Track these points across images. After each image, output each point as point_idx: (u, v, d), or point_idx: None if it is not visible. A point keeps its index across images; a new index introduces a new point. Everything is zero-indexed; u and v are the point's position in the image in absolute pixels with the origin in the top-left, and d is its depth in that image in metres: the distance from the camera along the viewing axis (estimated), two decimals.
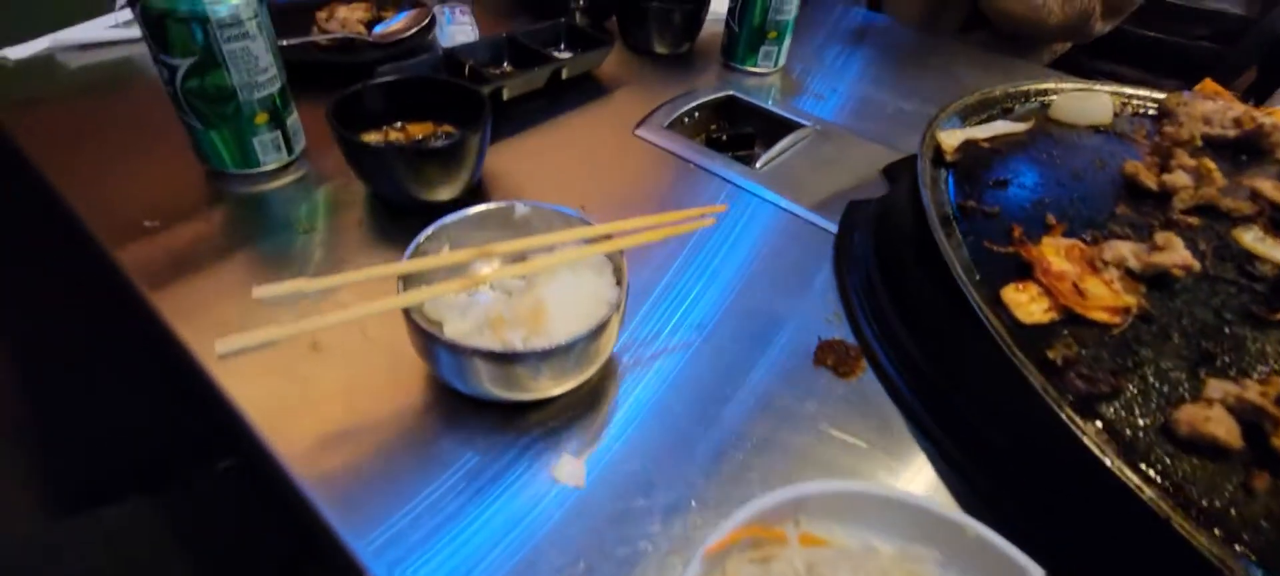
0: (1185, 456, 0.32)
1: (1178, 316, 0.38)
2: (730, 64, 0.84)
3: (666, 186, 0.64)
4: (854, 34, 1.06)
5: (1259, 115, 0.53)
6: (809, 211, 0.60)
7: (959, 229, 0.45)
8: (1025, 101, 0.61)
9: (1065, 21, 0.98)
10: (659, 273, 0.53)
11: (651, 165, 0.67)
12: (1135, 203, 0.45)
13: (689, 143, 0.69)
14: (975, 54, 1.01)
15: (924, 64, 0.97)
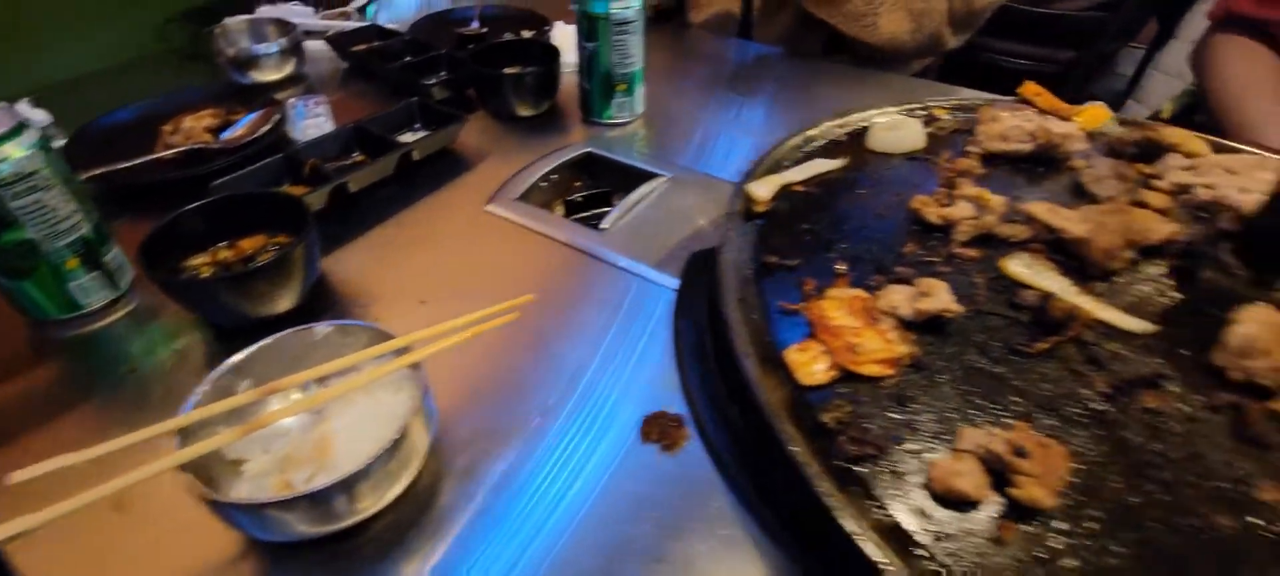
0: (943, 509, 0.32)
1: (950, 361, 0.38)
2: (589, 118, 0.85)
3: (515, 264, 0.63)
4: (721, 67, 1.08)
5: (1053, 126, 0.54)
6: (653, 270, 0.60)
7: (759, 289, 0.45)
8: (845, 133, 0.62)
9: (919, 45, 1.00)
10: (494, 363, 0.52)
11: (502, 243, 0.66)
12: (922, 239, 0.46)
13: (537, 212, 0.69)
14: (840, 73, 1.03)
15: (788, 90, 0.99)
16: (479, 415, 0.48)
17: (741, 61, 1.10)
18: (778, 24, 1.12)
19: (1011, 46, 2.25)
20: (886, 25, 0.98)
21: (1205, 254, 0.42)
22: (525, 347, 0.53)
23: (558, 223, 0.67)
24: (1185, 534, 0.30)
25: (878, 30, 0.98)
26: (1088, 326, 0.38)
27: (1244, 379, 0.34)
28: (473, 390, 0.50)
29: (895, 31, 0.98)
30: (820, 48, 1.12)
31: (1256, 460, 0.32)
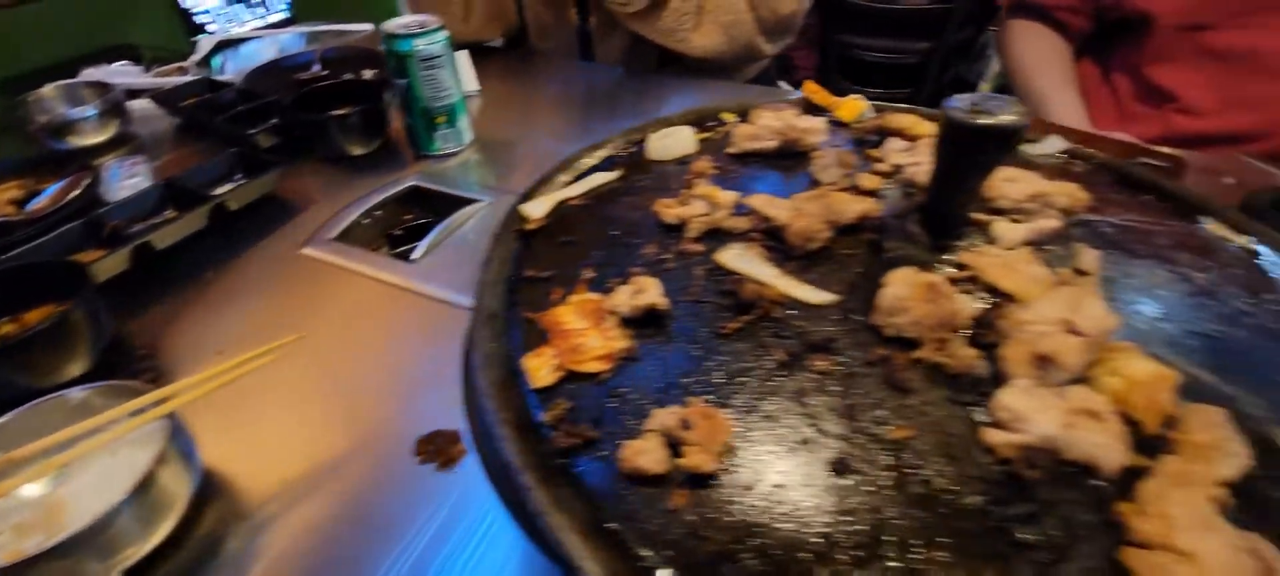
0: (635, 489, 0.35)
1: (661, 349, 0.42)
2: (419, 152, 0.86)
3: (324, 305, 0.64)
4: (564, 88, 1.11)
5: (798, 122, 0.59)
6: (459, 294, 0.62)
7: (512, 303, 0.48)
8: (628, 146, 0.66)
9: (736, 54, 1.06)
10: (283, 406, 0.53)
11: (314, 285, 0.66)
12: (662, 240, 0.50)
13: (353, 250, 0.70)
14: (670, 83, 1.09)
15: (622, 104, 1.03)
16: (266, 458, 0.48)
17: (582, 82, 1.14)
18: (614, 43, 1.17)
19: (870, 42, 2.41)
20: (699, 39, 1.04)
21: (893, 227, 0.47)
22: (315, 386, 0.54)
23: (372, 258, 0.68)
24: (851, 479, 0.34)
25: (691, 43, 1.04)
26: (777, 304, 0.42)
27: (895, 334, 0.39)
28: (258, 434, 0.50)
29: (708, 44, 1.04)
30: (655, 62, 1.17)
31: (897, 404, 0.37)
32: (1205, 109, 0.96)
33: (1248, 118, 0.93)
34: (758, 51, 1.13)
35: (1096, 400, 0.34)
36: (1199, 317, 0.43)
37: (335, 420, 0.51)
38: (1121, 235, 0.50)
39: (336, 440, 0.49)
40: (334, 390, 0.54)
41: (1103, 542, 0.31)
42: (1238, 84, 0.92)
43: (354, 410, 0.52)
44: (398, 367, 0.55)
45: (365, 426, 0.50)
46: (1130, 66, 1.05)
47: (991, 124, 0.39)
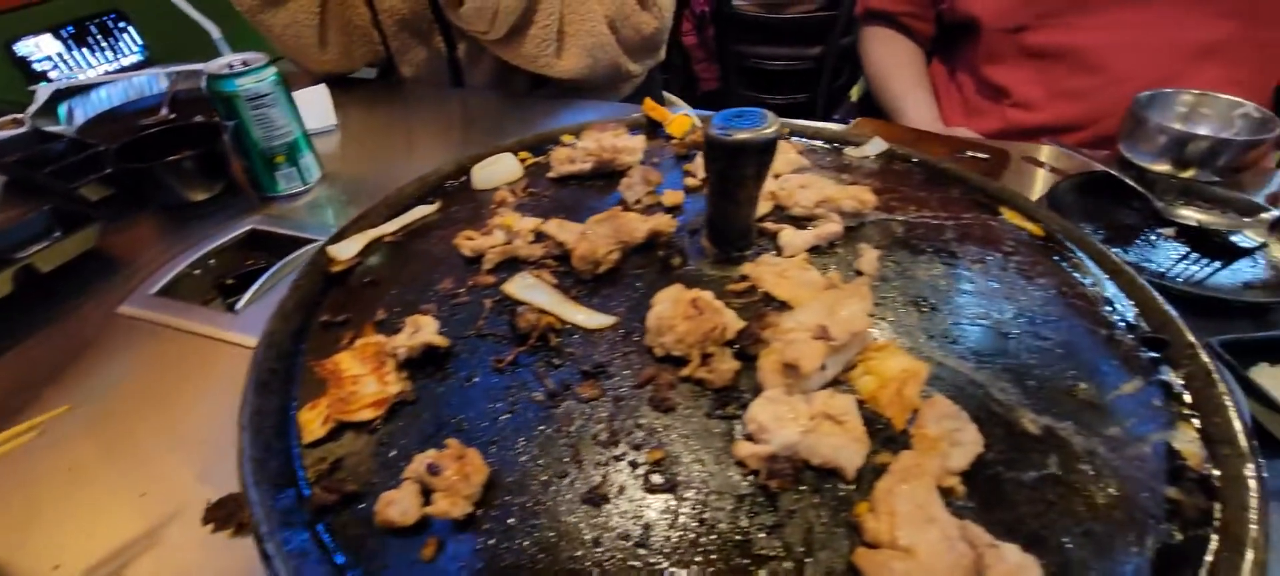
0: (391, 543, 0.34)
1: (438, 390, 0.40)
2: (262, 194, 0.82)
3: (135, 367, 0.60)
4: (432, 115, 1.09)
5: (615, 143, 0.59)
6: None
7: (297, 350, 0.45)
8: (456, 174, 0.64)
9: (602, 75, 1.07)
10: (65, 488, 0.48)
11: (128, 346, 0.62)
12: (461, 273, 0.49)
13: (176, 304, 0.65)
14: (541, 106, 1.08)
15: (488, 128, 1.02)
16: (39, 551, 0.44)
17: (455, 108, 1.12)
18: (483, 68, 1.15)
19: (767, 50, 2.48)
20: (563, 63, 1.03)
21: (684, 244, 0.47)
22: (107, 460, 0.50)
23: (194, 312, 0.64)
24: (604, 509, 0.33)
25: (556, 67, 1.04)
26: (558, 331, 0.42)
27: (664, 353, 0.39)
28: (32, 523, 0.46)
29: (573, 67, 1.04)
30: (526, 85, 1.16)
31: (661, 425, 0.36)
32: (1035, 103, 1.02)
33: (1073, 109, 1.00)
34: (625, 71, 1.13)
35: (837, 404, 0.35)
36: (967, 308, 0.45)
37: (124, 496, 0.47)
38: (909, 232, 0.52)
39: (125, 519, 0.46)
40: (128, 462, 0.50)
41: (840, 546, 0.32)
42: (1059, 79, 0.98)
43: (147, 482, 0.48)
44: (202, 428, 0.52)
45: (158, 500, 0.47)
46: (970, 66, 1.10)
47: (745, 139, 0.40)
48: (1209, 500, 0.36)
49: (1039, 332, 0.44)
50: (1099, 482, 0.35)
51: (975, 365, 0.41)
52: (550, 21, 1.00)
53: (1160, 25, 0.88)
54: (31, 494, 0.48)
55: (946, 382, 0.39)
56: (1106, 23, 0.91)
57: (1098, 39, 0.94)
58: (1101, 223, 0.70)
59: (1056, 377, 0.41)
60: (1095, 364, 0.43)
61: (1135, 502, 0.35)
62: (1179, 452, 0.38)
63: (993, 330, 0.44)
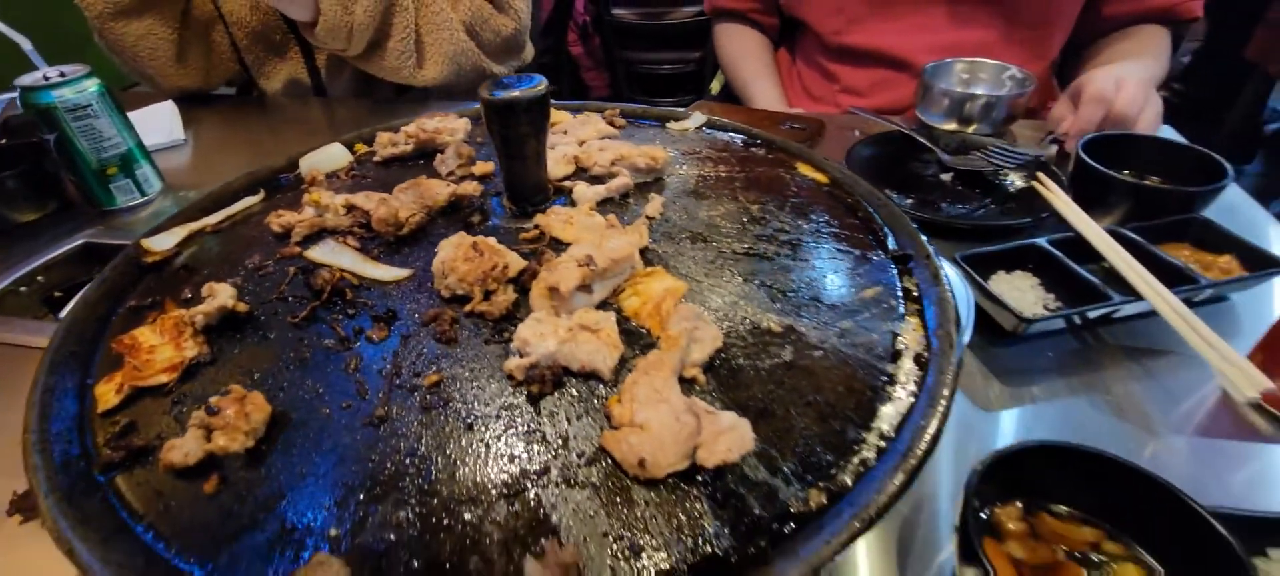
0: (178, 485, 0.35)
1: (234, 349, 0.42)
2: (100, 209, 0.80)
3: None
4: (296, 126, 1.08)
5: (436, 125, 0.63)
6: None
7: (99, 334, 0.46)
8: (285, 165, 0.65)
9: (469, 79, 1.09)
10: None
11: None
12: (271, 248, 0.50)
13: None
14: (403, 109, 1.09)
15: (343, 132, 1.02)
16: None
17: (315, 116, 1.12)
18: (345, 79, 1.16)
19: (651, 56, 2.57)
20: (426, 72, 1.05)
21: (482, 206, 0.51)
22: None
23: (14, 325, 0.62)
24: (382, 431, 0.36)
25: (419, 76, 1.05)
26: (356, 287, 0.44)
27: (449, 294, 0.42)
28: None
29: (436, 75, 1.06)
30: (392, 91, 1.17)
31: (442, 354, 0.40)
32: (861, 89, 1.12)
33: (891, 94, 1.11)
34: (490, 73, 1.16)
35: (593, 317, 0.39)
36: (739, 238, 0.51)
37: None
38: (701, 183, 0.58)
39: None
40: None
41: (591, 434, 0.36)
42: (876, 70, 1.09)
43: None
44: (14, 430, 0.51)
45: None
46: (808, 56, 1.21)
47: (513, 98, 0.44)
48: (921, 371, 0.42)
49: (800, 255, 0.50)
50: (827, 365, 0.41)
51: (741, 282, 0.46)
52: (407, 34, 1.01)
53: (946, 27, 1.01)
54: None
55: (707, 297, 0.44)
56: (903, 28, 1.03)
57: (898, 40, 1.05)
58: (896, 172, 0.79)
59: (805, 288, 0.47)
60: (843, 276, 0.49)
61: (857, 377, 0.41)
62: (900, 337, 0.45)
63: (755, 252, 0.49)
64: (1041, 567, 0.36)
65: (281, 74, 1.16)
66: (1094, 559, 0.36)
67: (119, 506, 0.34)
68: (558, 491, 0.33)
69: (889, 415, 0.38)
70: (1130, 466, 0.37)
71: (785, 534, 0.32)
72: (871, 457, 0.35)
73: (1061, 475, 0.38)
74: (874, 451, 0.36)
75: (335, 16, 0.91)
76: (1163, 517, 0.35)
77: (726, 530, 0.32)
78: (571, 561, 0.30)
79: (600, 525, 0.32)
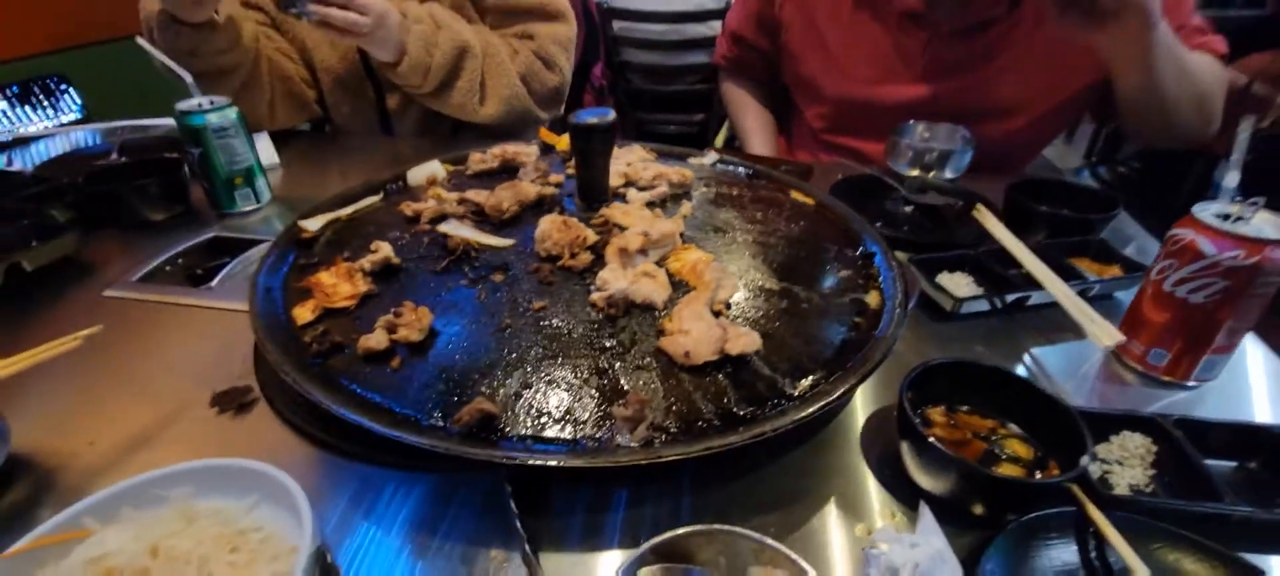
0: (369, 367, 0.52)
1: (394, 287, 0.59)
2: (221, 212, 0.97)
3: (128, 328, 0.73)
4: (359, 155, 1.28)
5: (514, 149, 0.81)
6: None
7: (286, 279, 0.63)
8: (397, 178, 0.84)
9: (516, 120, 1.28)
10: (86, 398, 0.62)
11: (119, 316, 0.75)
12: (403, 227, 0.68)
13: (155, 286, 0.79)
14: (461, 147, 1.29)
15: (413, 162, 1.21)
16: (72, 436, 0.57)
17: (384, 149, 1.31)
18: (411, 118, 1.35)
19: (661, 116, 2.83)
20: (485, 110, 1.25)
21: (560, 201, 0.69)
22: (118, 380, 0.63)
23: (172, 289, 0.78)
24: (508, 333, 0.53)
25: (480, 114, 1.25)
26: (477, 250, 0.62)
27: (546, 254, 0.60)
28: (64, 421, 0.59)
29: (492, 113, 1.26)
30: (449, 129, 1.37)
31: (544, 291, 0.57)
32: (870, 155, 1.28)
33: None
34: (533, 116, 1.36)
35: (649, 268, 0.57)
36: (748, 232, 0.69)
37: (140, 398, 0.61)
38: (718, 197, 0.76)
39: (143, 412, 0.60)
40: (134, 381, 0.64)
41: (651, 341, 0.53)
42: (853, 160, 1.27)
43: (155, 392, 0.62)
44: (192, 358, 0.66)
45: (167, 401, 0.61)
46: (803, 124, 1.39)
47: (593, 122, 0.63)
48: (877, 321, 0.60)
49: (792, 246, 0.68)
50: (811, 313, 0.58)
51: (748, 257, 0.64)
52: (474, 76, 1.22)
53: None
54: (64, 394, 0.61)
55: (727, 265, 0.62)
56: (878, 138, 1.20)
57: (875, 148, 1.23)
58: (870, 205, 0.98)
59: (797, 266, 0.64)
60: (825, 261, 0.67)
61: (833, 323, 0.58)
62: (865, 301, 0.62)
63: (760, 242, 0.67)
64: (957, 442, 0.52)
65: (354, 111, 1.36)
66: (993, 439, 0.52)
67: (334, 375, 0.51)
68: (630, 372, 0.50)
69: (853, 343, 0.56)
70: (1017, 377, 0.54)
71: (779, 405, 0.48)
72: (836, 367, 0.52)
73: (972, 385, 0.55)
74: (839, 364, 0.52)
75: (418, 57, 1.11)
76: (1039, 411, 0.52)
77: (742, 399, 0.49)
78: (644, 401, 0.46)
79: (659, 392, 0.49)
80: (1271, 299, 0.57)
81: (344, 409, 0.47)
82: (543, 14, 1.30)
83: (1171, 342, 0.61)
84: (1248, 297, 0.56)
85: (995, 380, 0.54)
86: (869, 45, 1.17)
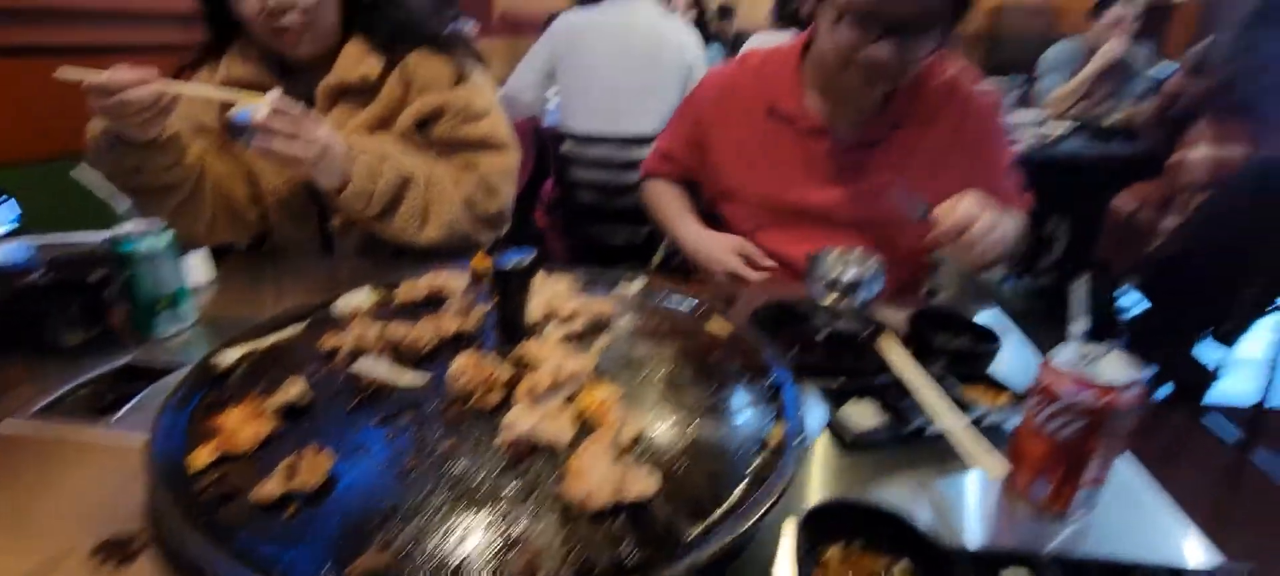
0: (264, 514, 0.50)
1: (300, 427, 0.59)
2: (141, 336, 0.95)
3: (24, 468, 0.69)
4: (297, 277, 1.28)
5: (443, 280, 0.84)
6: None
7: (190, 416, 0.61)
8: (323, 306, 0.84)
9: (456, 243, 1.32)
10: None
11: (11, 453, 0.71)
12: (320, 362, 0.68)
13: (53, 422, 0.76)
14: (402, 268, 1.31)
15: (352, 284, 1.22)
16: None
17: (322, 270, 1.32)
18: (352, 239, 1.37)
19: (607, 229, 2.92)
20: (426, 235, 1.28)
21: (480, 336, 0.71)
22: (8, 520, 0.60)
23: (72, 425, 0.75)
24: (412, 476, 0.52)
25: (420, 238, 1.28)
26: (389, 388, 0.62)
27: (458, 392, 0.61)
28: None
29: (433, 238, 1.29)
30: (392, 250, 1.39)
31: (453, 431, 0.57)
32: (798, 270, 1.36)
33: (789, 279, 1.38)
34: (475, 241, 1.40)
35: (554, 408, 0.58)
36: (659, 365, 0.71)
37: (13, 549, 0.58)
38: (636, 329, 0.79)
39: (13, 563, 0.56)
40: (15, 525, 0.60)
41: (554, 484, 0.53)
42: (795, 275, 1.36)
43: (35, 538, 0.59)
44: (82, 500, 0.63)
45: (44, 549, 0.57)
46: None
47: (511, 267, 0.66)
48: (778, 457, 0.62)
49: (703, 379, 0.71)
50: (715, 449, 0.60)
51: (659, 393, 0.66)
52: (417, 204, 1.25)
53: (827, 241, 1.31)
54: None
55: (636, 401, 0.64)
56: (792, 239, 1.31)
57: (791, 250, 1.32)
58: (788, 330, 1.03)
59: (706, 400, 0.67)
60: (734, 394, 0.70)
61: (737, 459, 0.60)
62: (768, 437, 0.65)
63: (673, 376, 0.70)
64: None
65: (296, 231, 1.37)
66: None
67: (222, 525, 0.49)
68: (530, 518, 0.50)
69: (755, 480, 0.57)
70: (901, 518, 0.56)
71: (674, 551, 0.49)
72: (737, 507, 0.53)
73: (865, 522, 0.57)
74: (739, 503, 0.54)
75: (362, 185, 1.15)
76: (926, 549, 0.54)
77: (638, 545, 0.49)
78: (537, 551, 0.46)
79: (557, 539, 0.49)
80: (1133, 431, 0.62)
81: (225, 563, 0.45)
82: (488, 145, 1.37)
83: (1051, 475, 0.65)
84: (1108, 434, 0.61)
85: (885, 518, 0.57)
86: (783, 153, 1.32)
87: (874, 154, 1.26)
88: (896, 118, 1.25)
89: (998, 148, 1.28)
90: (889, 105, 1.24)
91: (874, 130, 1.25)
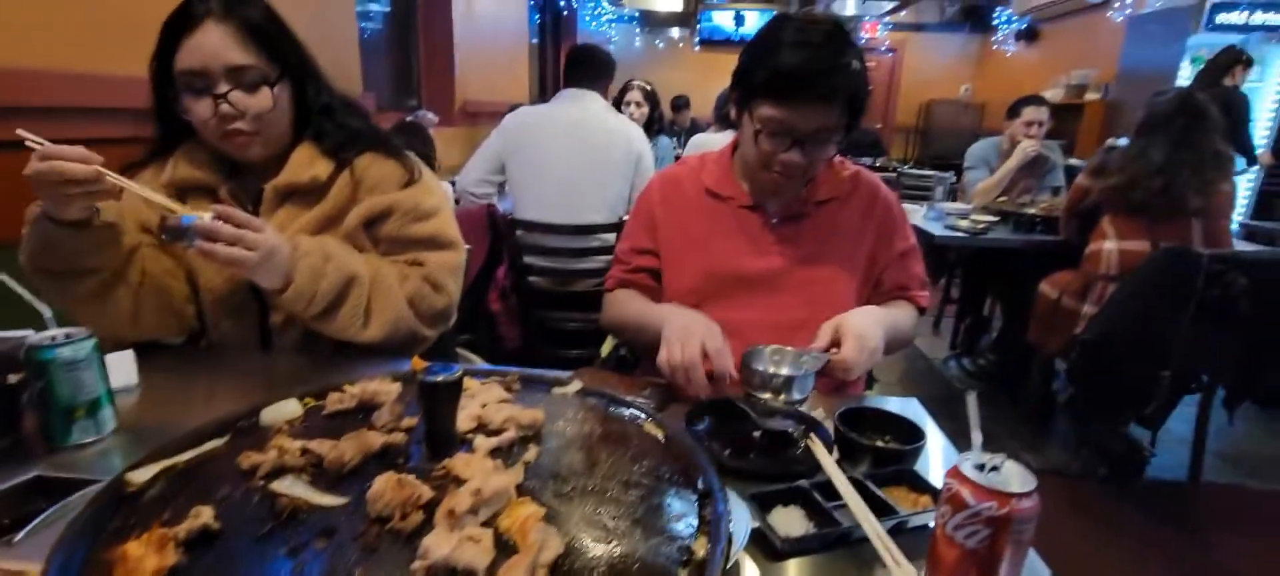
0: None
1: (209, 560, 0.57)
2: (53, 445, 0.90)
3: None
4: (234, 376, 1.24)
5: (373, 387, 0.83)
6: None
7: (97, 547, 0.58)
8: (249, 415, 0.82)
9: (400, 342, 1.31)
10: None
11: None
12: (238, 481, 0.66)
13: None
14: (344, 365, 1.29)
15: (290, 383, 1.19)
16: None
17: (260, 368, 1.28)
18: (292, 335, 1.35)
19: (560, 315, 2.93)
20: (368, 333, 1.27)
21: (407, 451, 0.70)
22: None
23: None
24: None
25: (363, 336, 1.27)
26: (307, 510, 0.61)
27: (377, 515, 0.59)
28: None
29: (376, 336, 1.28)
30: (330, 347, 1.37)
31: (368, 560, 0.56)
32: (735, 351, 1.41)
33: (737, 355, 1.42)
34: (420, 337, 1.39)
35: (475, 532, 0.58)
36: (588, 478, 0.72)
37: None
38: (567, 440, 0.80)
39: None
40: None
41: None
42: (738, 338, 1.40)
43: None
44: None
45: None
46: None
47: (437, 381, 0.66)
48: (701, 572, 0.62)
49: (630, 491, 0.71)
50: (640, 568, 0.60)
51: (586, 509, 0.66)
52: (360, 302, 1.25)
53: (766, 309, 1.37)
54: None
55: (560, 519, 0.64)
56: (735, 305, 1.39)
57: (734, 316, 1.39)
58: (725, 429, 1.04)
59: (631, 513, 0.67)
60: (661, 506, 0.70)
61: (662, 574, 0.60)
62: (693, 550, 0.65)
63: (600, 489, 0.70)
64: None
65: (234, 328, 1.34)
66: None
67: None
68: None
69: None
70: None
71: None
72: None
73: None
74: None
75: (305, 285, 1.14)
76: None
77: None
78: None
79: None
80: (1031, 540, 0.65)
81: None
82: (435, 243, 1.39)
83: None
84: (1011, 542, 0.63)
85: None
86: (725, 226, 1.48)
87: (803, 225, 1.45)
88: (817, 197, 1.46)
89: (903, 234, 1.51)
90: (809, 188, 1.46)
91: (799, 206, 1.45)
